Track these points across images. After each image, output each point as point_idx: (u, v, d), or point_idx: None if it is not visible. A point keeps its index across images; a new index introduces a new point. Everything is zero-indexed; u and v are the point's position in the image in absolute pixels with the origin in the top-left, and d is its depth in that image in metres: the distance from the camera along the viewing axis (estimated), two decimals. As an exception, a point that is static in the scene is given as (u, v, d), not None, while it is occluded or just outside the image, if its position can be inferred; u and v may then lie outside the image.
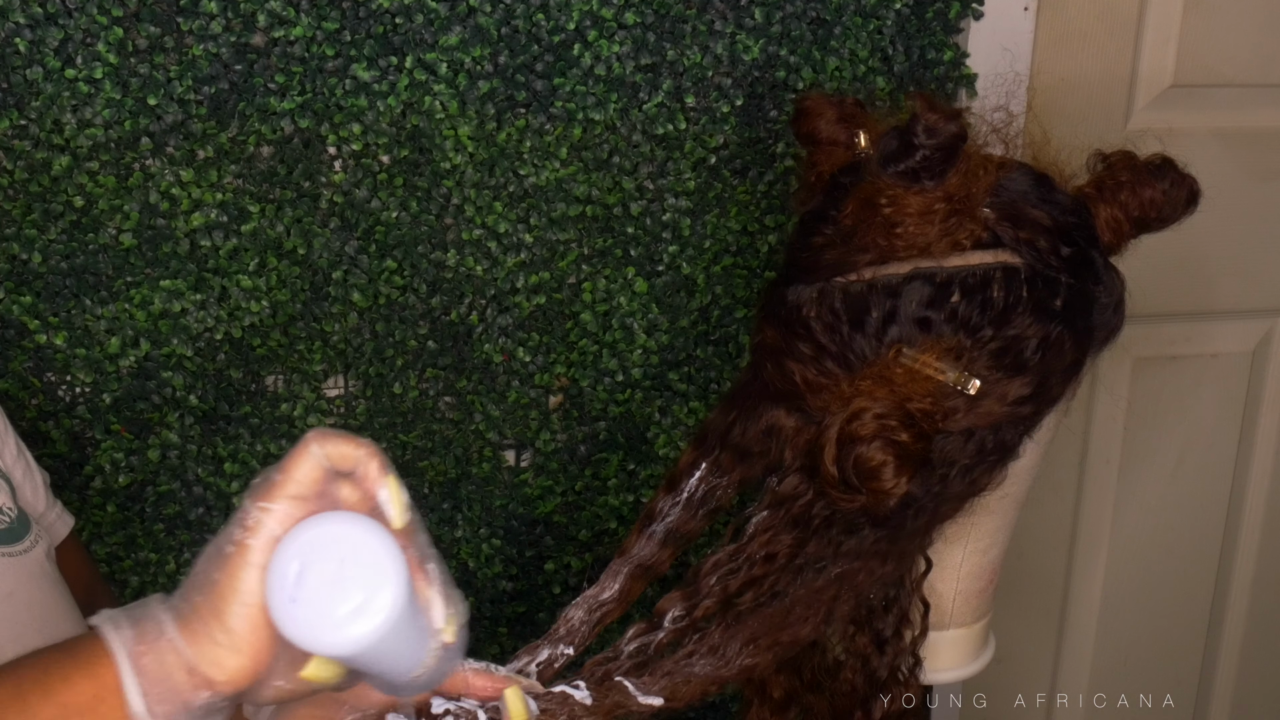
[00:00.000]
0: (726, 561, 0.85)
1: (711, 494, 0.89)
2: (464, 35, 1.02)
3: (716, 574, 0.85)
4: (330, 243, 1.05)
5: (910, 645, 0.92)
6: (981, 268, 0.81)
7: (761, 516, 0.86)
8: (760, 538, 0.85)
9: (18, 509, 0.84)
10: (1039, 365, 0.81)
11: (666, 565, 0.88)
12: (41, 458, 0.96)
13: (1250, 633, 1.63)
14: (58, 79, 0.95)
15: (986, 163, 0.83)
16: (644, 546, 0.88)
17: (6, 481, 0.86)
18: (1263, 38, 1.34)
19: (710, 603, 0.85)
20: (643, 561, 0.87)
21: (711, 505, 0.89)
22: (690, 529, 0.89)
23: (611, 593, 0.86)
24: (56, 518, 0.93)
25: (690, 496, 0.88)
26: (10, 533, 0.82)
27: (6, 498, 0.84)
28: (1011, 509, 0.94)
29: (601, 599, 0.86)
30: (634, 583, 0.87)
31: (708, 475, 0.89)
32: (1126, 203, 0.87)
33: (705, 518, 0.89)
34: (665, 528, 0.88)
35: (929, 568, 0.92)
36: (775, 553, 0.85)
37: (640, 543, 0.88)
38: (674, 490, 0.89)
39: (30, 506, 0.89)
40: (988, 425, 0.82)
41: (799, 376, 0.83)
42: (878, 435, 0.75)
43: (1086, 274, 0.84)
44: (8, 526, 0.82)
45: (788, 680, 0.93)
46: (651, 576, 0.88)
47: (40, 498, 0.92)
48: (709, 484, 0.89)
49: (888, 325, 0.80)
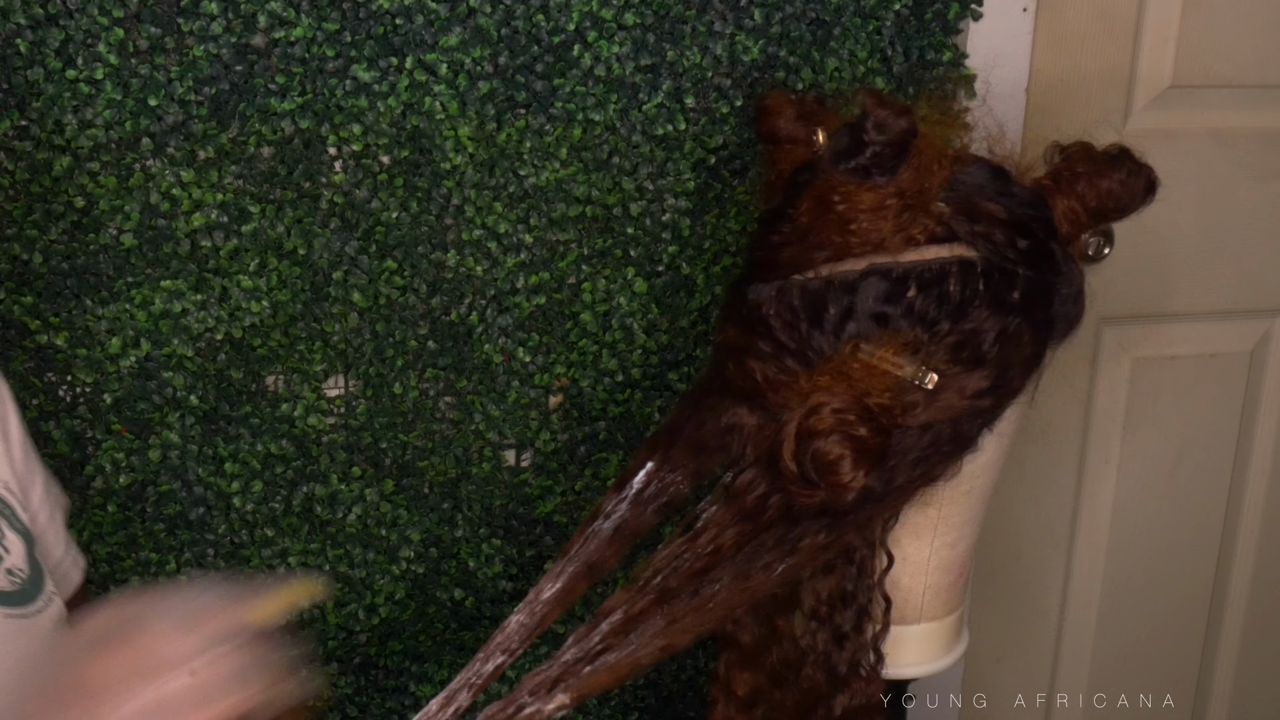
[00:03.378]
0: (674, 557, 0.86)
1: (664, 490, 0.89)
2: (464, 36, 1.02)
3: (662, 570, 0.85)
4: (331, 243, 1.05)
5: (872, 640, 0.92)
6: (937, 262, 0.81)
7: (714, 511, 0.86)
8: (709, 531, 0.85)
9: (31, 567, 0.82)
10: (997, 358, 0.82)
11: (614, 562, 0.88)
12: (42, 458, 0.96)
13: (1249, 632, 1.63)
14: (59, 80, 0.96)
15: (940, 157, 0.83)
16: (588, 545, 0.88)
17: (25, 537, 0.83)
18: (1261, 38, 1.34)
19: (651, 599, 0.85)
20: (588, 559, 0.88)
21: (664, 500, 0.89)
22: (641, 525, 0.89)
23: (552, 593, 0.87)
24: (72, 564, 0.92)
25: (639, 493, 0.89)
26: (22, 594, 0.80)
27: (20, 556, 0.81)
28: (978, 503, 0.94)
29: (542, 599, 0.87)
30: (578, 582, 0.88)
31: (657, 471, 0.89)
32: (1084, 194, 0.87)
33: (657, 514, 0.89)
34: (613, 525, 0.88)
35: (890, 564, 0.92)
36: (722, 545, 0.85)
37: (582, 543, 0.88)
38: (621, 488, 0.89)
39: (47, 555, 0.87)
40: (947, 419, 0.82)
41: (759, 374, 0.83)
42: (835, 429, 0.76)
43: (1045, 266, 0.84)
44: (19, 588, 0.80)
45: (752, 678, 0.94)
46: (597, 575, 0.88)
47: (59, 539, 0.90)
48: (661, 480, 0.89)
49: (845, 321, 0.81)
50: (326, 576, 1.14)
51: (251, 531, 1.11)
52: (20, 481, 0.86)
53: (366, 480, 1.13)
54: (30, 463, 0.88)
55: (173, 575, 1.11)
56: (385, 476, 1.13)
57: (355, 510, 1.13)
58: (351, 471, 1.12)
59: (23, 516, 0.84)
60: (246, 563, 1.12)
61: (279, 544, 1.12)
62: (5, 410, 0.86)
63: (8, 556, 0.80)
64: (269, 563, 1.12)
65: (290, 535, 1.12)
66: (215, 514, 1.10)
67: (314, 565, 1.14)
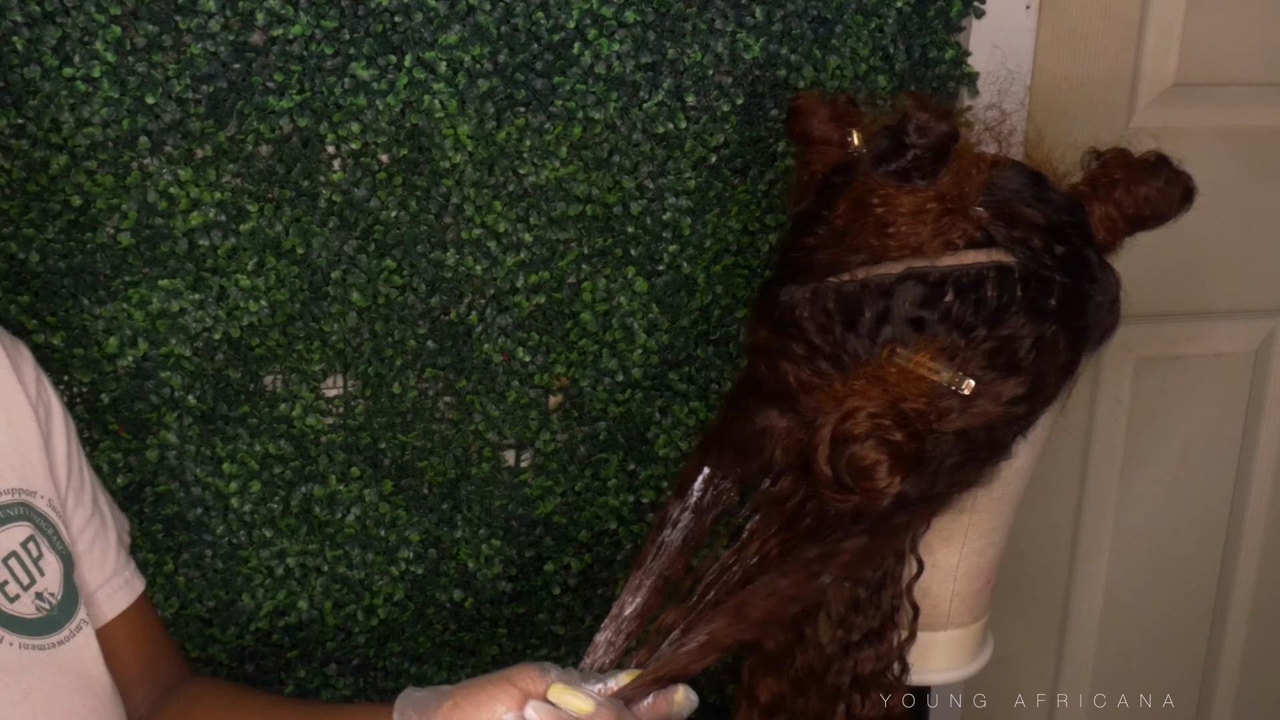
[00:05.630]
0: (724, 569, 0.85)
1: (719, 497, 0.88)
2: (463, 34, 1.01)
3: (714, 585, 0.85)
4: (329, 242, 1.05)
5: (898, 648, 0.92)
6: (975, 267, 0.80)
7: (755, 520, 0.86)
8: (755, 543, 0.85)
9: (65, 592, 0.80)
10: (1033, 365, 0.81)
11: (683, 572, 0.87)
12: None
13: (1252, 633, 1.62)
14: (55, 77, 0.95)
15: (979, 161, 0.83)
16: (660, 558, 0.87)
17: (64, 559, 0.81)
18: (1266, 36, 1.33)
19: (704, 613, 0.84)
20: (662, 572, 0.87)
21: (719, 509, 0.88)
22: (702, 533, 0.88)
23: (634, 608, 0.86)
24: (122, 585, 0.88)
25: (699, 500, 0.88)
26: (47, 622, 0.78)
27: (56, 580, 0.80)
28: (1008, 509, 0.93)
29: (625, 615, 0.86)
30: (655, 595, 0.87)
31: (713, 477, 0.88)
32: (1121, 201, 0.87)
33: (715, 521, 0.89)
34: (680, 534, 0.87)
35: (920, 570, 0.91)
36: (767, 554, 0.84)
37: (654, 554, 0.87)
38: (683, 496, 0.88)
39: (86, 580, 0.85)
40: (982, 425, 0.81)
41: (792, 377, 0.83)
42: (871, 434, 0.75)
43: (1081, 272, 0.84)
44: (46, 615, 0.78)
45: (776, 684, 0.93)
46: (670, 586, 0.87)
47: (110, 560, 0.87)
48: (716, 486, 0.88)
49: (881, 325, 0.80)
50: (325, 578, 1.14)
51: (250, 532, 1.11)
52: (64, 500, 0.84)
53: (365, 481, 1.12)
54: (78, 480, 0.86)
55: (170, 576, 1.11)
56: (384, 477, 1.13)
57: (354, 511, 1.12)
58: (350, 472, 1.12)
59: (65, 537, 0.82)
60: (244, 563, 1.12)
61: (277, 544, 1.12)
62: (51, 426, 0.84)
63: (41, 579, 0.79)
64: (267, 563, 1.12)
65: (288, 536, 1.12)
66: (213, 514, 1.10)
67: (312, 566, 1.13)
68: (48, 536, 0.81)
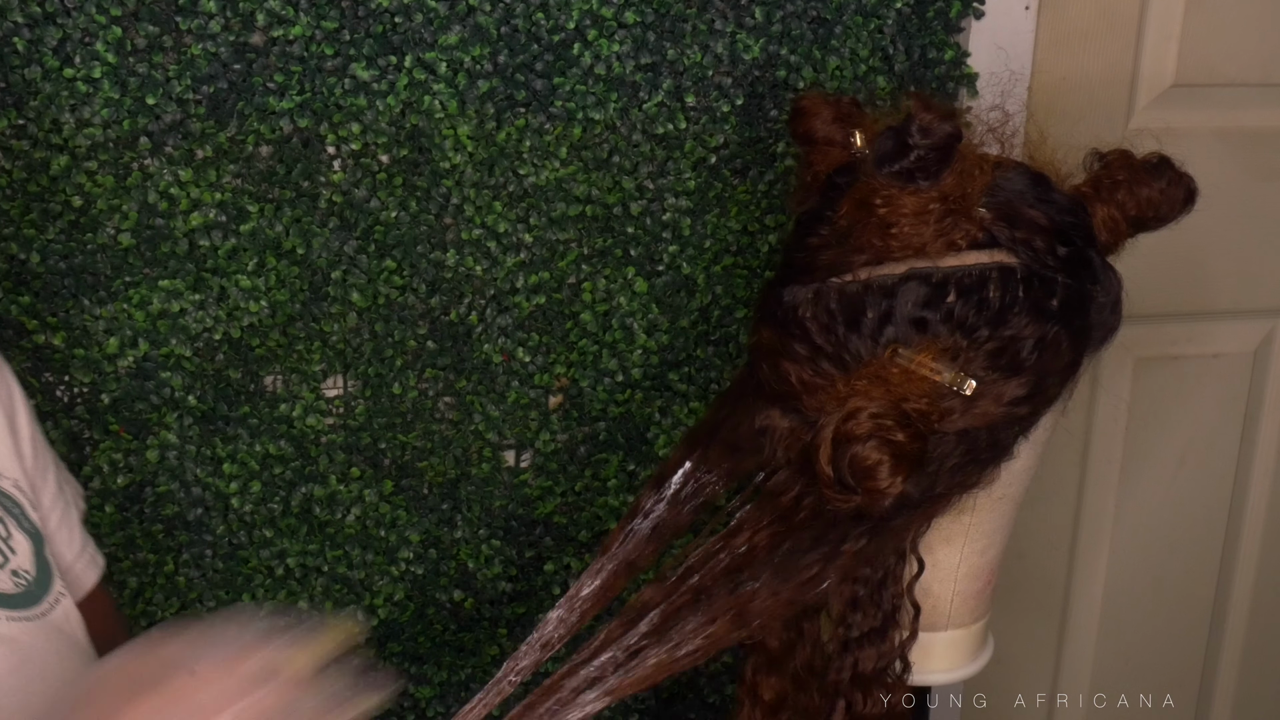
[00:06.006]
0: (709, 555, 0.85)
1: (701, 489, 0.89)
2: (463, 34, 1.01)
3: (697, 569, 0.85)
4: (329, 242, 1.05)
5: (899, 647, 0.92)
6: (978, 268, 0.80)
7: (746, 511, 0.86)
8: (745, 531, 0.85)
9: (39, 568, 0.81)
10: (1036, 365, 0.81)
11: (651, 560, 0.88)
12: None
13: (1252, 633, 1.62)
14: (56, 78, 0.95)
15: (982, 162, 0.83)
16: (626, 544, 0.88)
17: (34, 537, 0.82)
18: (1265, 37, 1.33)
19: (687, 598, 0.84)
20: (627, 558, 0.87)
21: (700, 500, 0.89)
22: (677, 524, 0.89)
23: (591, 589, 0.86)
24: (88, 563, 0.89)
25: (676, 492, 0.89)
26: (27, 596, 0.79)
27: (28, 557, 0.80)
28: (1009, 509, 0.94)
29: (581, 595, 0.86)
30: (617, 579, 0.87)
31: (695, 471, 0.89)
32: (1124, 202, 0.87)
33: (692, 512, 0.89)
34: (651, 523, 0.88)
35: (921, 570, 0.92)
36: (757, 545, 0.85)
37: (621, 541, 0.88)
38: (659, 486, 0.89)
39: (60, 556, 0.86)
40: (984, 425, 0.82)
41: (795, 377, 0.83)
42: (873, 434, 0.75)
43: (1083, 274, 0.84)
44: (24, 590, 0.79)
45: (778, 683, 0.93)
46: (634, 572, 0.88)
47: (74, 539, 0.88)
48: (697, 480, 0.89)
49: (883, 326, 0.80)
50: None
51: (250, 532, 1.11)
52: (31, 480, 0.85)
53: (365, 481, 1.12)
54: (42, 461, 0.87)
55: (170, 576, 1.11)
56: (384, 477, 1.13)
57: (354, 511, 1.13)
58: (350, 472, 1.12)
59: (33, 516, 0.83)
60: (245, 563, 1.12)
61: (277, 545, 1.12)
62: (14, 407, 0.85)
63: (14, 558, 0.80)
64: (267, 564, 1.12)
65: (289, 536, 1.12)
66: (213, 515, 1.10)
67: (312, 566, 1.13)
68: (14, 515, 0.81)
